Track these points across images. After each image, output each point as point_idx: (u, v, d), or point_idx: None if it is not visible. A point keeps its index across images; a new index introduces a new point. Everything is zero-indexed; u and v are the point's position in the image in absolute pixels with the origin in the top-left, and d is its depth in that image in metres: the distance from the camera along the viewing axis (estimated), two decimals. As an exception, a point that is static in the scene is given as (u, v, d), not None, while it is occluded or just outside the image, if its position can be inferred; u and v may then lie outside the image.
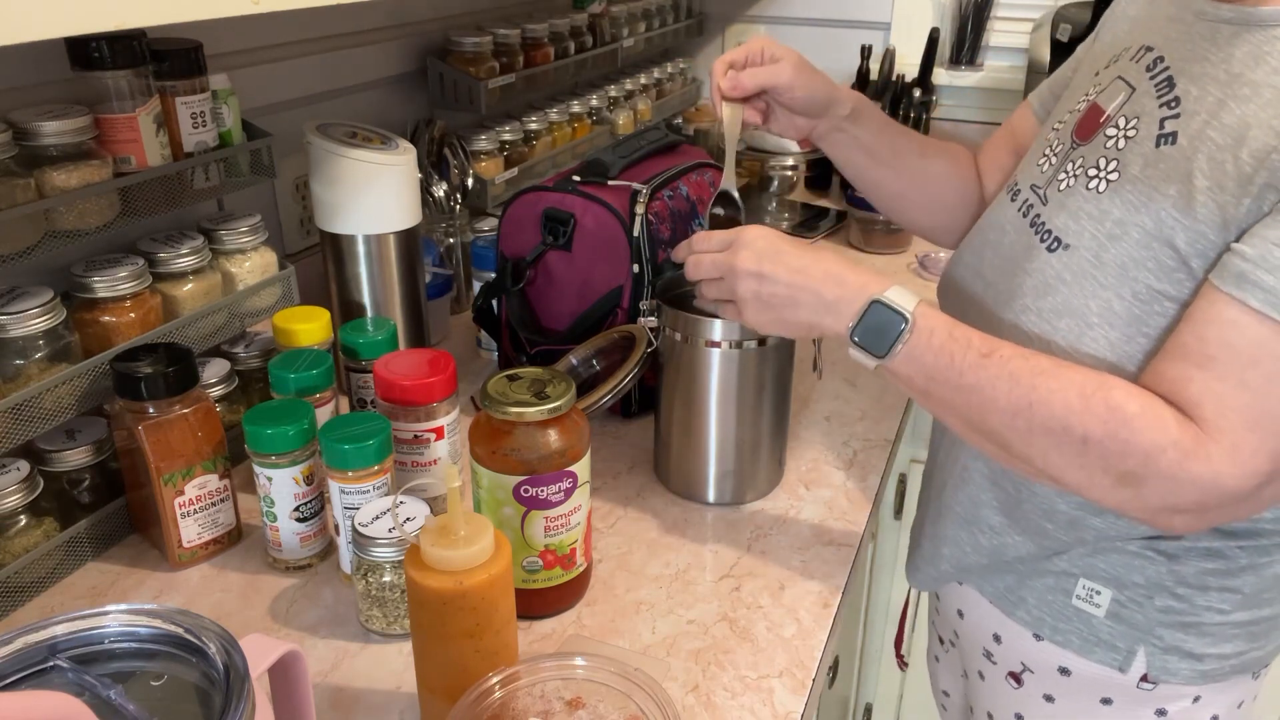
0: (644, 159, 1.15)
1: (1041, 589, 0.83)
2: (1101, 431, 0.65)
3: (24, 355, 0.80)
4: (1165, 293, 0.68)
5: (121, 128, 0.87)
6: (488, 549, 0.64)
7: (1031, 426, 0.68)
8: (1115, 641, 0.80)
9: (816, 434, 1.11)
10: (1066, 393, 0.67)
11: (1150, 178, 0.69)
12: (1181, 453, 0.64)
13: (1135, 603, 0.78)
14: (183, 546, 0.87)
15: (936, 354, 0.71)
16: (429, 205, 1.33)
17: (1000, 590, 0.86)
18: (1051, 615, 0.83)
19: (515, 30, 1.47)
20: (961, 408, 0.72)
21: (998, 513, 0.83)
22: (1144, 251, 0.68)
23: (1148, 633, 0.79)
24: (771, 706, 0.74)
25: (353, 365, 1.00)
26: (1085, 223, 0.72)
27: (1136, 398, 0.66)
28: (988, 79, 1.90)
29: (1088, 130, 0.77)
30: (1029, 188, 0.81)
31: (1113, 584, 0.79)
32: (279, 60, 1.20)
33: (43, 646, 0.50)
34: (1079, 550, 0.79)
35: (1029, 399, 0.68)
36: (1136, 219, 0.69)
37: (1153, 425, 0.64)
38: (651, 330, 0.96)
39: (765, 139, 1.90)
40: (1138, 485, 0.66)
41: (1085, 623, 0.81)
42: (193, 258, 0.93)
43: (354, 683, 0.75)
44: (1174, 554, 0.76)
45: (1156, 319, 0.68)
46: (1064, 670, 0.83)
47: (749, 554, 0.91)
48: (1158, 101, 0.71)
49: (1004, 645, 0.88)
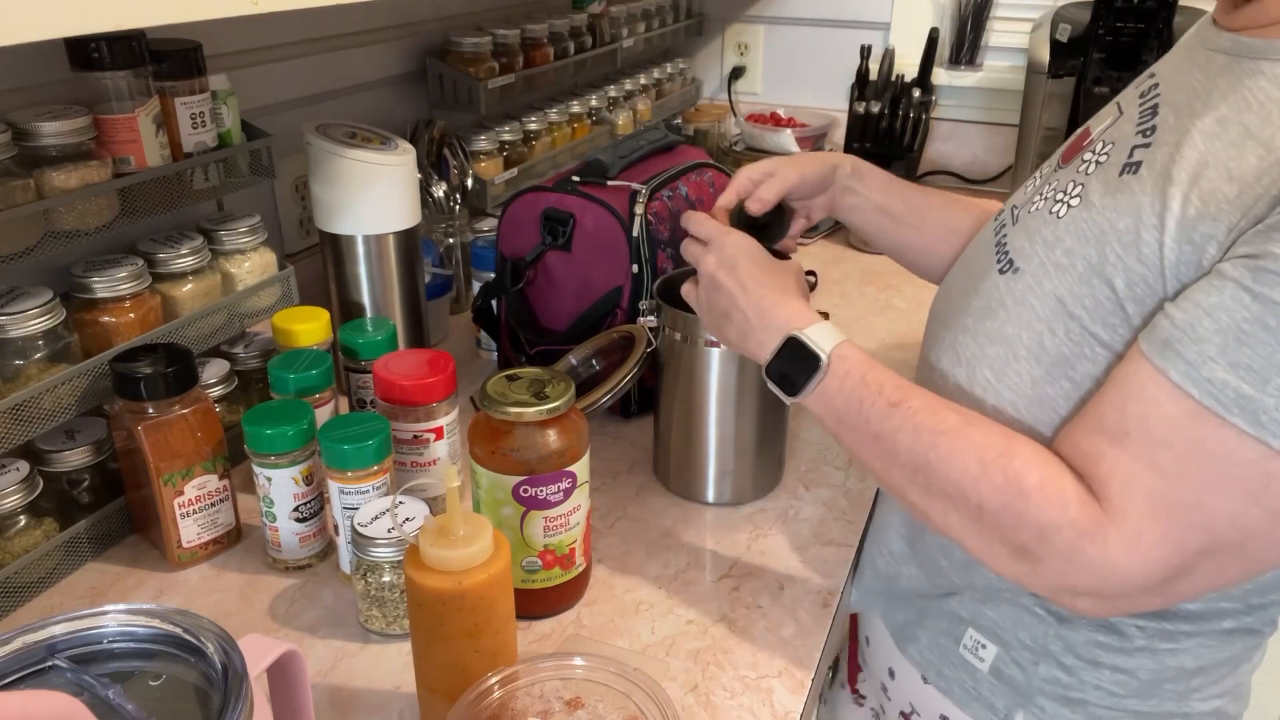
0: (643, 159, 1.16)
1: (934, 631, 0.79)
2: (997, 502, 0.62)
3: (24, 356, 0.80)
4: (1098, 337, 0.63)
5: (121, 128, 0.87)
6: (487, 549, 0.64)
7: (930, 486, 0.65)
8: (994, 700, 0.76)
9: (816, 434, 1.11)
10: (966, 456, 0.63)
11: (1105, 209, 0.64)
12: (1077, 533, 0.59)
13: (1018, 664, 0.74)
14: (182, 547, 0.87)
15: (846, 398, 0.69)
16: (428, 205, 1.33)
17: (900, 624, 0.84)
18: (939, 659, 0.79)
19: (515, 30, 1.47)
20: (868, 455, 0.69)
21: (901, 539, 0.82)
22: (1084, 287, 0.64)
23: (1029, 699, 0.74)
24: (771, 706, 0.74)
25: (352, 365, 1.00)
26: (1039, 247, 0.68)
27: (1038, 469, 0.61)
28: (987, 79, 1.90)
29: (1071, 153, 0.73)
30: (1010, 208, 0.78)
31: (998, 640, 0.75)
32: (278, 60, 1.20)
33: (41, 646, 0.50)
34: (970, 594, 0.76)
35: (928, 457, 0.65)
36: (1084, 251, 0.64)
37: (1050, 500, 0.60)
38: (651, 330, 0.96)
39: (765, 140, 1.90)
40: (1034, 561, 0.62)
41: (970, 674, 0.77)
42: (192, 258, 0.93)
43: (353, 683, 0.75)
44: (1065, 617, 0.71)
45: (1084, 363, 0.64)
46: (944, 719, 0.80)
47: (748, 554, 0.91)
48: (1136, 128, 0.67)
49: (897, 681, 0.85)
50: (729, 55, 2.10)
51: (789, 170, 0.88)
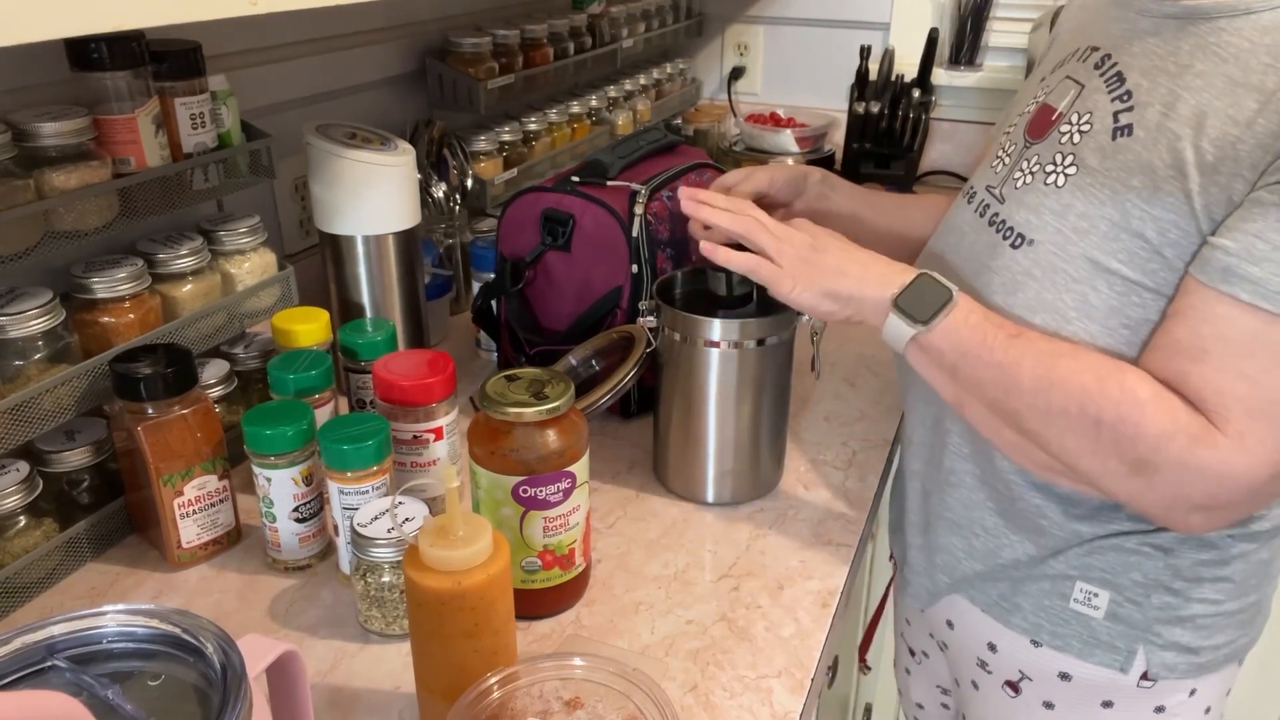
0: (643, 159, 1.15)
1: (1037, 594, 0.82)
2: (1114, 415, 0.66)
3: (23, 356, 0.80)
4: (1142, 283, 0.68)
5: (121, 129, 0.87)
6: (486, 549, 0.64)
7: (1050, 407, 0.69)
8: (1115, 642, 0.80)
9: (816, 434, 1.11)
10: (1084, 375, 0.68)
11: (1110, 170, 0.70)
12: (1190, 439, 0.64)
13: (1133, 601, 0.79)
14: (182, 547, 0.87)
15: (973, 330, 0.72)
16: (428, 206, 1.33)
17: (993, 598, 0.86)
18: (1049, 620, 0.82)
19: (514, 31, 1.47)
20: (988, 386, 0.72)
21: (993, 514, 0.83)
22: (1113, 244, 0.69)
23: (1146, 630, 0.79)
24: (770, 706, 0.74)
25: (352, 366, 1.00)
26: (1047, 217, 0.73)
27: (1149, 384, 0.66)
28: (987, 79, 1.90)
29: (1040, 129, 0.78)
30: (984, 189, 0.82)
31: (1109, 585, 0.79)
32: (278, 61, 1.20)
33: (41, 646, 0.50)
34: (1075, 550, 0.79)
35: (1049, 379, 0.69)
36: (1102, 212, 0.70)
37: (1163, 410, 0.65)
38: (651, 330, 0.96)
39: (765, 140, 1.90)
40: (1150, 474, 0.66)
41: (1084, 625, 0.81)
42: (192, 258, 0.93)
43: (353, 683, 0.75)
44: (1169, 547, 0.77)
45: (1135, 309, 0.69)
46: (1064, 675, 0.83)
47: (748, 554, 0.91)
48: (1109, 96, 0.72)
49: (999, 654, 0.88)
50: (729, 55, 2.10)
51: (761, 174, 0.95)
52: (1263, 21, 0.65)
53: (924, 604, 0.95)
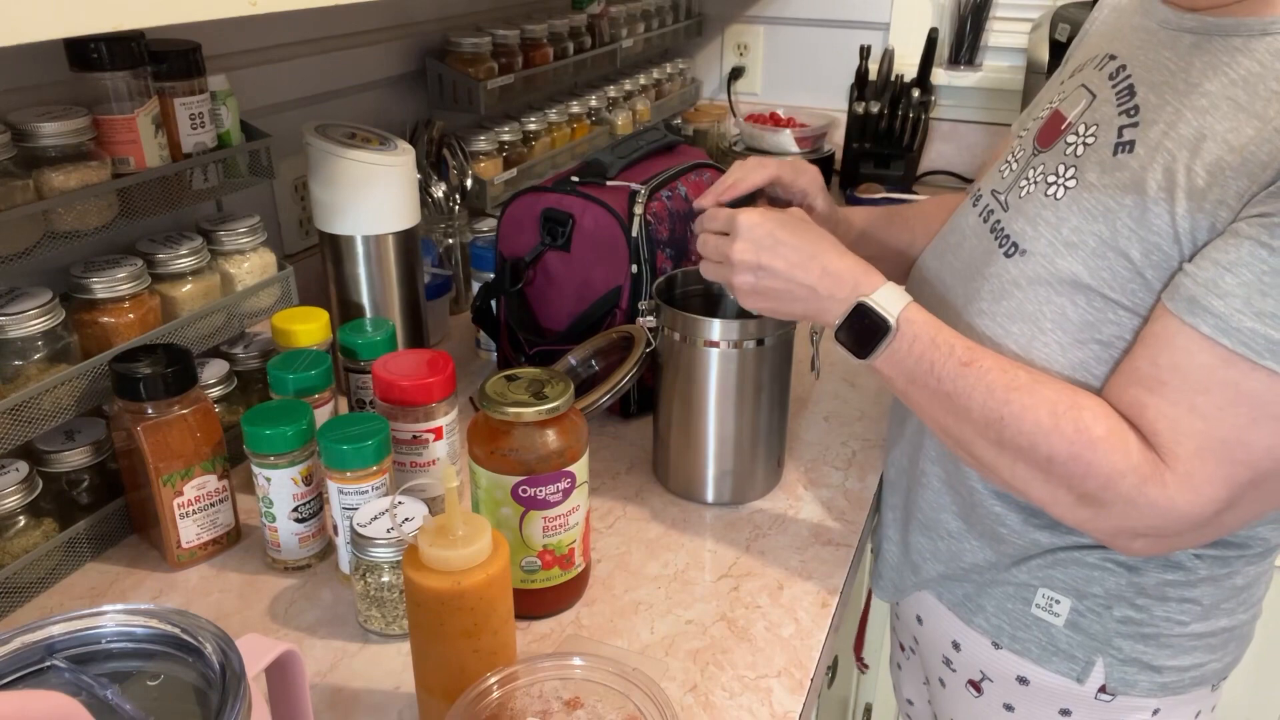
0: (642, 159, 1.15)
1: (1000, 597, 0.82)
2: (1067, 453, 0.66)
3: (23, 356, 0.80)
4: (1120, 303, 0.67)
5: (120, 129, 0.87)
6: (486, 549, 0.64)
7: (1001, 440, 0.68)
8: (1073, 651, 0.80)
9: (815, 434, 1.11)
10: (1038, 410, 0.67)
11: (1107, 186, 0.68)
12: (1140, 478, 0.64)
13: (1094, 612, 0.78)
14: (181, 547, 0.87)
15: (918, 360, 0.72)
16: (428, 206, 1.33)
17: (959, 598, 0.86)
18: (1010, 623, 0.82)
19: (514, 31, 1.47)
20: (938, 413, 0.72)
21: (955, 517, 0.83)
22: (1099, 260, 0.68)
23: (1106, 643, 0.78)
24: (770, 706, 0.74)
25: (351, 366, 1.00)
26: (1043, 229, 0.72)
27: (1104, 420, 0.65)
28: (986, 79, 1.90)
29: (1049, 137, 0.77)
30: (990, 193, 0.81)
31: (1072, 594, 0.78)
32: (278, 61, 1.20)
33: (40, 646, 0.50)
34: (1037, 560, 0.79)
35: (1000, 413, 0.68)
36: (1093, 228, 0.68)
37: (1116, 449, 0.64)
38: (650, 330, 0.96)
39: (764, 140, 1.90)
40: (1098, 507, 0.66)
41: (1044, 631, 0.80)
42: (191, 258, 0.93)
43: (352, 683, 0.75)
44: (1133, 565, 0.76)
45: (1109, 326, 0.68)
46: (1022, 679, 0.83)
47: (747, 554, 0.91)
48: (1117, 109, 0.71)
49: (963, 653, 0.88)
50: (729, 55, 2.10)
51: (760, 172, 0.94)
52: (1277, 45, 0.63)
53: (890, 597, 0.96)
